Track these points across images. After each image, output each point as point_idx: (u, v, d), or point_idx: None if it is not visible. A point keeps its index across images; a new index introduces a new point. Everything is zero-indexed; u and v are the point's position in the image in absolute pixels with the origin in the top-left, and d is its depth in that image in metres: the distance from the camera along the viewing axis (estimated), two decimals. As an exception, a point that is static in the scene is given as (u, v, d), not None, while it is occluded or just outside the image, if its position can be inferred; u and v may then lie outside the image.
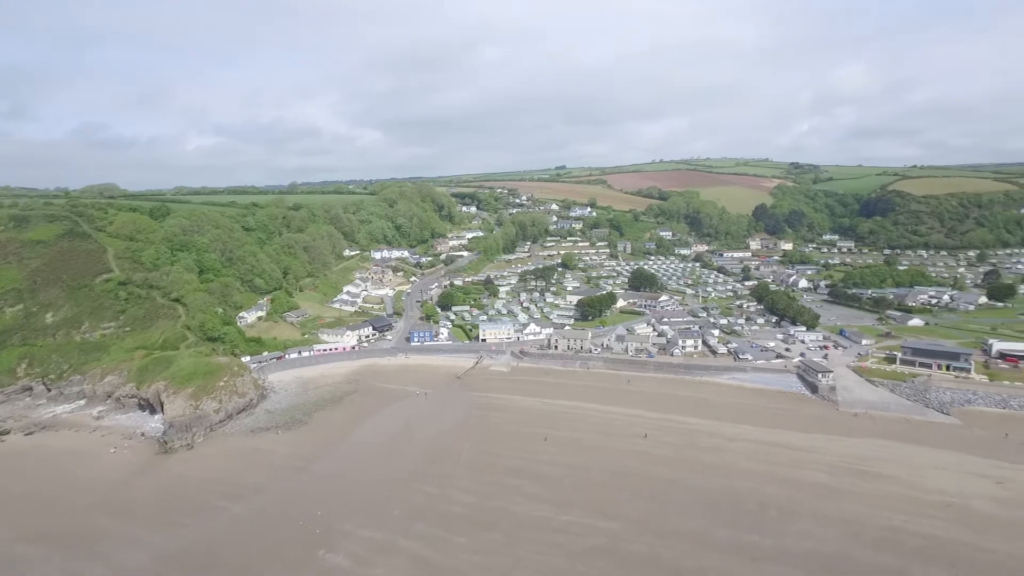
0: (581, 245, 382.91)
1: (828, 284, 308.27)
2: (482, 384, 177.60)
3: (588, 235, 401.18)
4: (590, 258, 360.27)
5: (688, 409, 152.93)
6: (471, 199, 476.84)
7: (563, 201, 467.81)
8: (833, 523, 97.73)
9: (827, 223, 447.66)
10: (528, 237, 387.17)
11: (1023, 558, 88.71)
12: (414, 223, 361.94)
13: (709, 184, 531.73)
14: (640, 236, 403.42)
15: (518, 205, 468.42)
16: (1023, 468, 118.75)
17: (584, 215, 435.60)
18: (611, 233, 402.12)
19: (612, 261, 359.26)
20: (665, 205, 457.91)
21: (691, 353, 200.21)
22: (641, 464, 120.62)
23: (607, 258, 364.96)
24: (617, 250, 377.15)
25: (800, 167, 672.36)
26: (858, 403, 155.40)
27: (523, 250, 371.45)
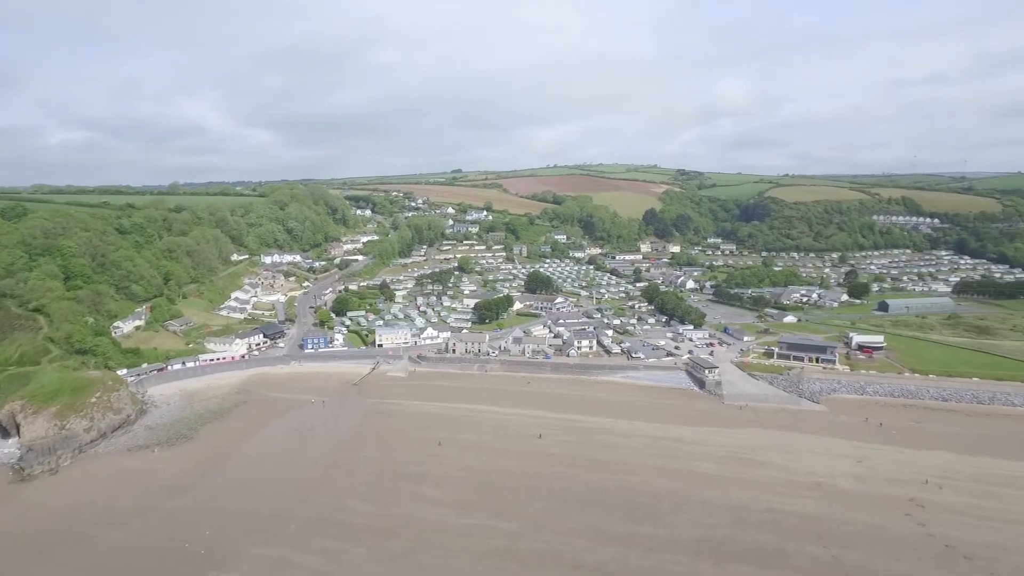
0: (478, 248, 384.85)
1: (713, 285, 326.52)
2: (380, 390, 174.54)
3: (484, 239, 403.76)
4: (487, 261, 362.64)
5: (584, 408, 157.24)
6: (366, 202, 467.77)
7: (459, 205, 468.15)
8: (720, 510, 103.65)
9: (711, 227, 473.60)
10: (424, 241, 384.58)
11: (878, 526, 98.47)
12: (306, 226, 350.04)
13: (602, 189, 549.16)
14: (536, 240, 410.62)
15: (414, 208, 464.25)
16: (878, 447, 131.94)
17: (480, 219, 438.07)
18: (507, 237, 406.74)
19: (508, 264, 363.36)
20: (560, 209, 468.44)
21: (586, 353, 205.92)
22: (539, 464, 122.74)
23: (504, 261, 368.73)
24: (513, 253, 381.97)
25: (686, 174, 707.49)
26: (741, 396, 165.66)
27: (419, 254, 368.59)
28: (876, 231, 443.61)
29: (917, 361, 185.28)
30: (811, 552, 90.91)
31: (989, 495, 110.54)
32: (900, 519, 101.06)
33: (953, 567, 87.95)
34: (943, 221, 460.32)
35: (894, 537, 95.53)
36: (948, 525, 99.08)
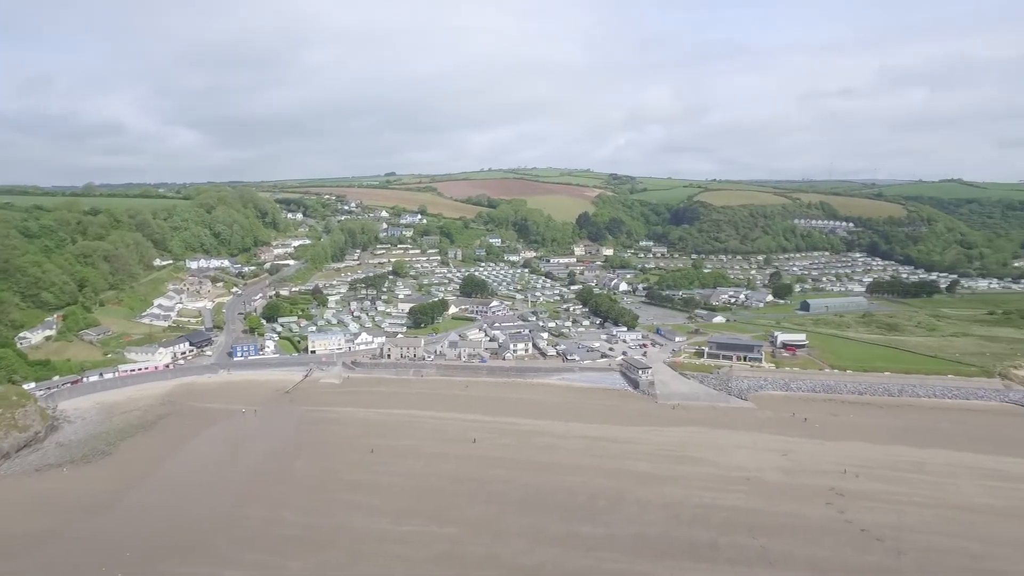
0: (412, 252, 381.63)
1: (645, 287, 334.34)
2: (313, 398, 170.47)
3: (419, 242, 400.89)
4: (421, 265, 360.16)
5: (521, 411, 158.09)
6: (297, 205, 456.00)
7: (393, 208, 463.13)
8: (655, 507, 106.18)
9: (643, 230, 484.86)
10: (358, 245, 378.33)
11: (802, 515, 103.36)
12: (235, 230, 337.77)
13: (536, 193, 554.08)
14: (470, 243, 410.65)
15: (347, 212, 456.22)
16: (801, 441, 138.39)
17: (415, 222, 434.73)
18: (442, 240, 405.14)
19: (443, 268, 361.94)
20: (494, 213, 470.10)
21: (522, 356, 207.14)
22: (477, 468, 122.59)
23: (438, 265, 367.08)
24: (448, 257, 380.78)
25: (618, 178, 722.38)
26: (674, 395, 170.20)
27: (353, 258, 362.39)
28: (798, 234, 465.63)
29: (836, 358, 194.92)
30: (741, 544, 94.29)
31: (899, 480, 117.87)
32: (822, 508, 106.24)
33: (867, 550, 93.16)
34: (857, 225, 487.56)
35: (816, 525, 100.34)
36: (863, 511, 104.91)
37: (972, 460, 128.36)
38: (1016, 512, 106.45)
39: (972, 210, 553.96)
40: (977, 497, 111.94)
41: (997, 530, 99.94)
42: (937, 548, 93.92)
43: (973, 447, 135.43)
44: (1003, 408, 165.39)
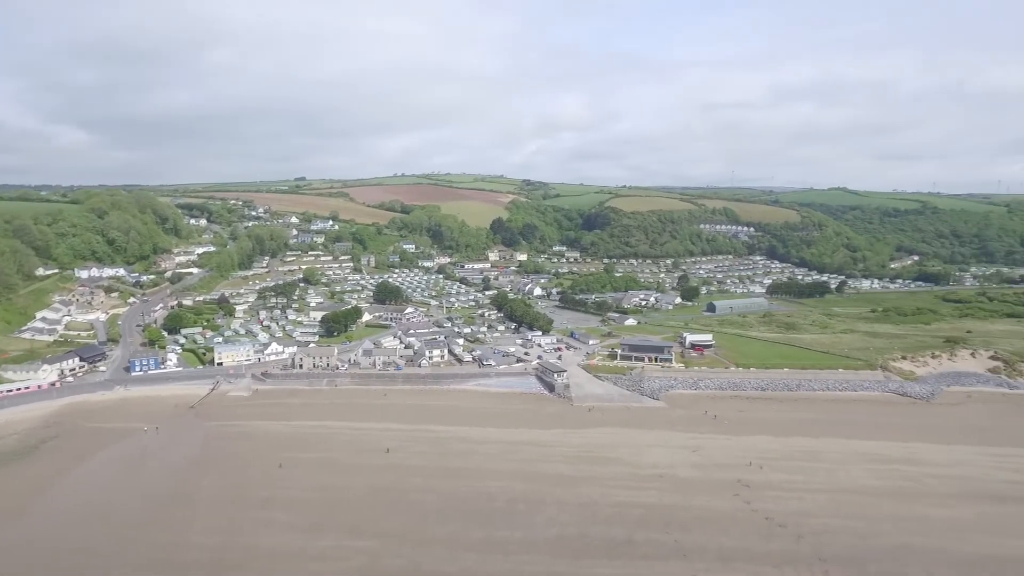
0: (324, 259, 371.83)
1: (559, 291, 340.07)
2: (220, 412, 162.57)
3: (331, 249, 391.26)
4: (333, 272, 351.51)
5: (438, 418, 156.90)
6: (201, 211, 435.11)
7: (303, 214, 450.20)
8: (573, 508, 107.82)
9: (556, 235, 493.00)
10: (266, 252, 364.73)
11: (712, 508, 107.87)
12: (131, 237, 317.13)
13: (449, 198, 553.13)
14: (384, 249, 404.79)
15: (255, 218, 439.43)
16: (711, 436, 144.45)
17: (326, 228, 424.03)
18: (354, 247, 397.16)
19: (356, 275, 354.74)
20: (408, 218, 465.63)
21: (438, 363, 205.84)
22: (395, 477, 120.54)
23: (351, 272, 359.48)
24: (361, 264, 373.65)
25: (531, 184, 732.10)
26: (589, 397, 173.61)
27: (261, 266, 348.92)
28: (703, 239, 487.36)
29: (740, 356, 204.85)
30: (656, 539, 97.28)
31: (798, 470, 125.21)
32: (730, 499, 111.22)
33: (771, 536, 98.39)
34: (757, 229, 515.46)
35: (725, 516, 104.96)
36: (767, 500, 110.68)
37: (859, 447, 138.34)
38: (894, 491, 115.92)
39: (856, 216, 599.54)
40: (863, 480, 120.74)
41: (879, 509, 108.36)
42: (830, 530, 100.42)
43: (860, 434, 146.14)
44: (884, 397, 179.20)
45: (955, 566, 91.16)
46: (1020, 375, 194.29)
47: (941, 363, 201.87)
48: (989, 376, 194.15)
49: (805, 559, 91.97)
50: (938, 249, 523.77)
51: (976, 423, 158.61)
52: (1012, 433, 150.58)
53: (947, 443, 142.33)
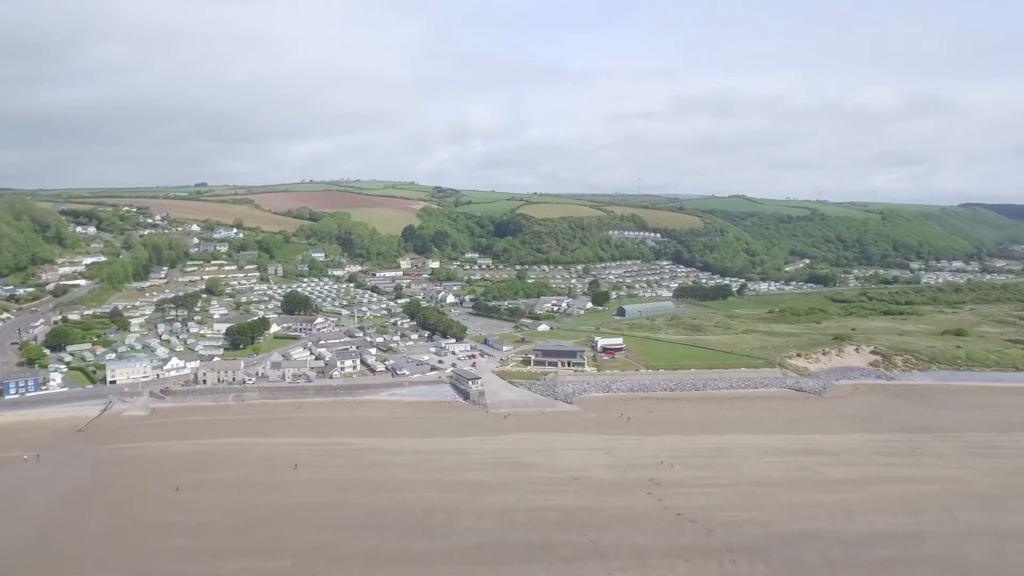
0: (228, 269, 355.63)
1: (472, 298, 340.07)
2: (114, 434, 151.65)
3: (235, 258, 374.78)
4: (239, 283, 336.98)
5: (352, 430, 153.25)
6: (89, 218, 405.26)
7: (205, 222, 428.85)
8: (491, 514, 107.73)
9: (468, 243, 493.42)
10: (165, 262, 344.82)
11: (627, 507, 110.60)
12: (4, 246, 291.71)
13: (360, 205, 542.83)
14: (292, 258, 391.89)
15: (151, 226, 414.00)
16: (624, 438, 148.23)
17: (230, 237, 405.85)
18: (261, 256, 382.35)
19: (263, 285, 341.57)
20: (317, 226, 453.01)
21: (351, 373, 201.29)
22: (309, 493, 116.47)
23: (257, 282, 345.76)
24: (268, 273, 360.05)
25: (443, 191, 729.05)
26: (504, 404, 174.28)
27: (159, 276, 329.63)
28: (612, 244, 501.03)
29: (650, 358, 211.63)
30: (573, 541, 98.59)
31: (706, 466, 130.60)
32: (643, 498, 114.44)
33: (683, 531, 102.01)
34: (663, 235, 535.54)
35: (639, 514, 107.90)
36: (678, 497, 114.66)
37: (761, 441, 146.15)
38: (792, 481, 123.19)
39: (753, 222, 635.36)
40: (765, 472, 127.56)
41: (779, 498, 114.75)
42: (736, 521, 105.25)
43: (762, 429, 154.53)
44: (782, 393, 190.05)
45: (846, 546, 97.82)
46: (895, 367, 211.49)
47: (831, 359, 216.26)
48: (871, 370, 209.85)
49: (714, 551, 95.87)
50: (826, 253, 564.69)
51: (861, 413, 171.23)
52: (889, 420, 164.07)
53: (837, 433, 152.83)
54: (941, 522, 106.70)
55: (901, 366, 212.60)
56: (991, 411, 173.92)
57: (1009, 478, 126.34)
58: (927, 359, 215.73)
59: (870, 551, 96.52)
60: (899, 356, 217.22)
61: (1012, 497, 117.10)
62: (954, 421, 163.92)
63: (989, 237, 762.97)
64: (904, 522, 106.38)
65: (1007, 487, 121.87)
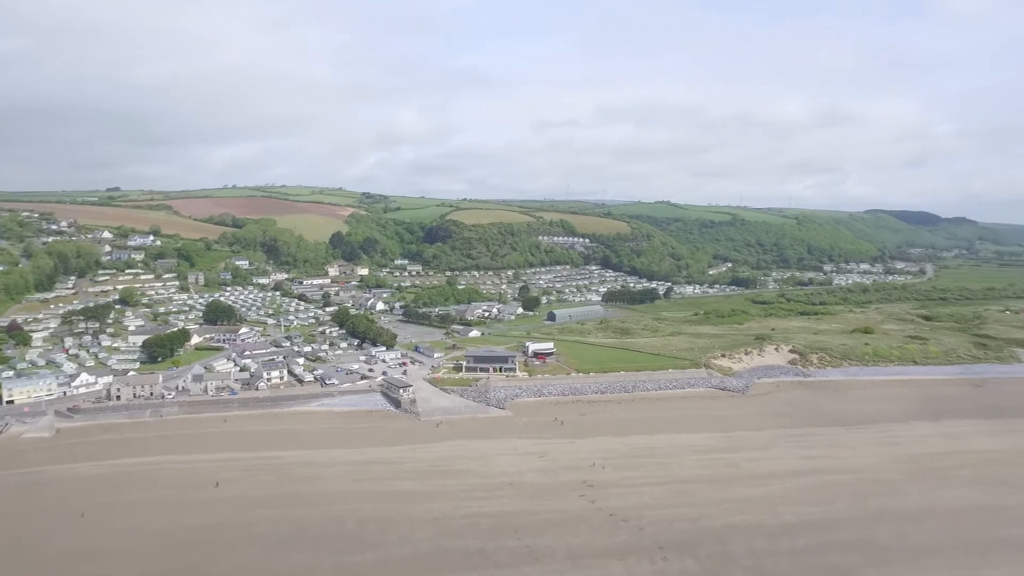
0: (144, 278, 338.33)
1: (402, 305, 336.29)
2: (11, 459, 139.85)
3: (152, 267, 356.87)
4: (156, 292, 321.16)
5: (279, 443, 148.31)
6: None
7: (119, 228, 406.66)
8: (425, 523, 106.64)
9: (398, 249, 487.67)
10: (72, 271, 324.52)
11: (560, 510, 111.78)
12: None
13: (286, 212, 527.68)
14: (214, 266, 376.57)
15: (56, 232, 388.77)
16: (556, 441, 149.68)
17: (146, 244, 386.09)
18: (180, 264, 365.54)
19: (183, 294, 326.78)
20: (240, 233, 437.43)
21: (278, 384, 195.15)
22: (235, 511, 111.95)
23: (177, 291, 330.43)
24: (188, 282, 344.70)
25: (372, 197, 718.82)
26: (436, 411, 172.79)
27: (66, 286, 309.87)
28: (542, 250, 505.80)
29: (580, 362, 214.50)
30: (508, 546, 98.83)
31: (636, 466, 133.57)
32: (576, 500, 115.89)
33: (615, 531, 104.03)
34: (592, 241, 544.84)
35: (573, 516, 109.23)
36: (611, 497, 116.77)
37: (689, 439, 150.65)
38: (717, 477, 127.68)
39: (679, 227, 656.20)
40: (693, 470, 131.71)
41: (707, 494, 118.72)
42: (667, 519, 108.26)
43: (689, 428, 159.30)
44: (708, 393, 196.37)
45: (769, 536, 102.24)
46: (811, 365, 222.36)
47: (753, 359, 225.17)
48: (789, 368, 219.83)
49: (646, 549, 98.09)
50: (747, 257, 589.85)
51: (781, 410, 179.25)
52: (806, 416, 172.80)
53: (759, 429, 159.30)
54: (853, 509, 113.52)
55: (817, 363, 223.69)
56: (893, 403, 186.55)
57: (909, 464, 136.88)
58: (839, 356, 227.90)
59: (791, 540, 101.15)
60: (815, 354, 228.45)
61: (912, 482, 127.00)
62: (863, 413, 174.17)
63: (890, 241, 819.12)
64: (821, 511, 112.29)
65: (908, 472, 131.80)
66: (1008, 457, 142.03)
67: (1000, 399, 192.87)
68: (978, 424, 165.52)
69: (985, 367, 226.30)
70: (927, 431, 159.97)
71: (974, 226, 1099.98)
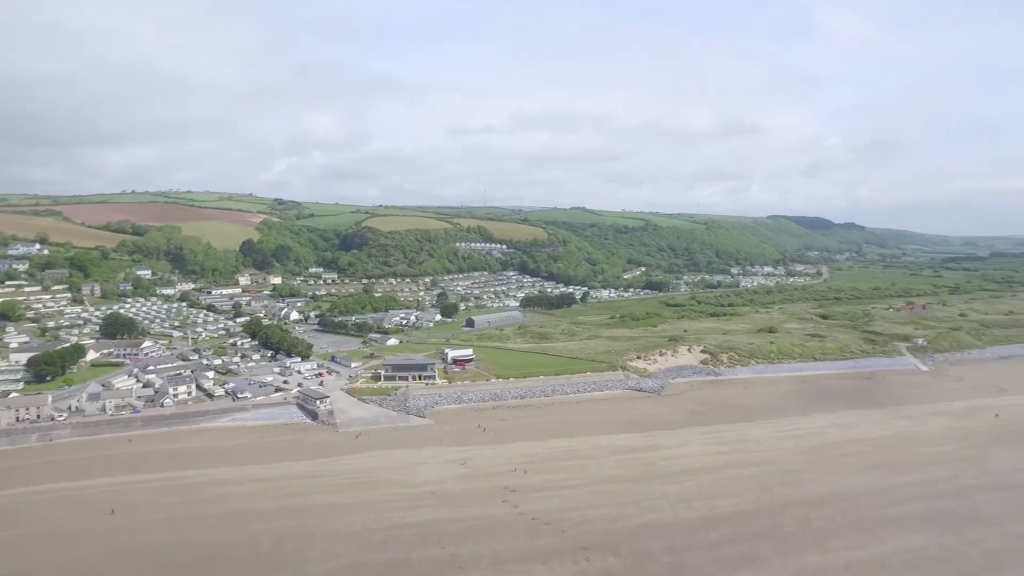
0: (30, 290, 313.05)
1: (318, 314, 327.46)
2: None
3: (40, 278, 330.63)
4: (44, 305, 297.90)
5: (188, 462, 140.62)
6: None
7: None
8: (346, 537, 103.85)
9: (312, 257, 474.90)
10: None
11: (483, 516, 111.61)
12: None
13: (192, 218, 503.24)
14: (112, 276, 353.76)
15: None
16: (478, 448, 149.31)
17: (31, 253, 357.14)
18: (73, 274, 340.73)
19: (77, 307, 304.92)
20: (141, 241, 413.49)
21: (185, 400, 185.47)
22: (138, 537, 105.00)
23: (69, 304, 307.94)
24: (82, 294, 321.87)
25: (284, 203, 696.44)
26: (355, 422, 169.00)
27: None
28: (459, 256, 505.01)
29: (500, 368, 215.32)
30: (432, 556, 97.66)
31: (558, 469, 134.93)
32: (499, 506, 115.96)
33: (538, 535, 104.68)
34: (509, 247, 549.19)
35: (496, 522, 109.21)
36: (533, 501, 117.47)
37: (607, 441, 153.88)
38: (637, 476, 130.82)
39: (594, 233, 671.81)
40: (613, 470, 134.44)
41: (627, 494, 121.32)
42: (588, 520, 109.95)
43: (608, 430, 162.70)
44: (625, 394, 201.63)
45: (686, 531, 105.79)
46: (721, 364, 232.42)
47: (667, 360, 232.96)
48: (701, 367, 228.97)
49: (569, 550, 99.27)
50: (659, 261, 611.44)
51: (694, 408, 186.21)
52: (717, 413, 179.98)
53: (675, 428, 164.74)
54: (761, 500, 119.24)
55: (726, 362, 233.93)
56: (796, 398, 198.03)
57: (810, 454, 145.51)
58: (747, 355, 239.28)
59: (706, 534, 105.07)
60: (724, 354, 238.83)
61: (813, 470, 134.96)
62: (769, 409, 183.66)
63: (791, 245, 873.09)
64: (733, 503, 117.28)
65: (809, 462, 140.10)
66: (893, 443, 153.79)
67: (886, 389, 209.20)
68: (868, 414, 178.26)
69: (874, 360, 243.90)
70: (825, 422, 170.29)
71: (862, 231, 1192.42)
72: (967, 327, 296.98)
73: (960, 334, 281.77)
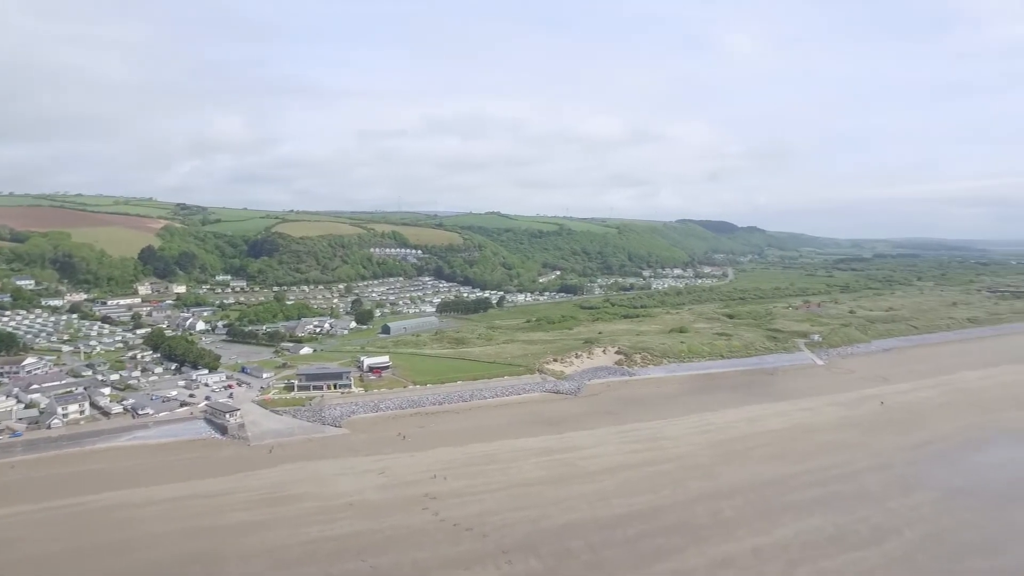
0: None
1: (226, 324, 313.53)
2: None
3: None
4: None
5: (81, 487, 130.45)
6: None
7: None
8: (260, 556, 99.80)
9: (219, 264, 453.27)
10: None
11: (404, 526, 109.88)
12: None
13: (83, 224, 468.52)
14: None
15: None
16: (396, 456, 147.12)
17: None
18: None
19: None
20: (23, 248, 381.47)
21: (77, 420, 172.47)
22: (26, 573, 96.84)
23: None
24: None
25: (187, 208, 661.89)
26: (267, 435, 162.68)
27: None
28: (374, 262, 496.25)
29: (417, 374, 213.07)
30: (352, 569, 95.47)
31: (477, 474, 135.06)
32: (419, 514, 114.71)
33: (459, 541, 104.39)
34: (424, 252, 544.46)
35: (417, 531, 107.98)
36: (453, 508, 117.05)
37: (526, 443, 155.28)
38: (556, 478, 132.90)
39: (509, 237, 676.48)
40: (532, 473, 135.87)
41: (546, 495, 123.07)
42: (509, 523, 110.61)
43: (526, 433, 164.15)
44: (543, 397, 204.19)
45: (604, 529, 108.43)
46: (635, 364, 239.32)
47: (583, 361, 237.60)
48: (616, 368, 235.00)
49: (491, 554, 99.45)
50: (574, 264, 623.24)
51: (610, 408, 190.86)
52: (633, 412, 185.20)
53: (592, 428, 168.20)
54: (675, 494, 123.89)
55: (640, 362, 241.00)
56: (706, 394, 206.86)
57: (719, 448, 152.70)
58: (659, 354, 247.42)
59: (624, 530, 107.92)
60: (638, 354, 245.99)
61: (722, 464, 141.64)
62: (681, 406, 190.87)
63: (698, 247, 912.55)
64: (648, 499, 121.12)
65: (719, 456, 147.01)
66: (793, 433, 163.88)
67: (787, 383, 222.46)
68: (771, 407, 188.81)
69: (776, 357, 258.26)
70: (733, 417, 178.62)
71: (764, 234, 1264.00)
72: (856, 323, 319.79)
73: (850, 330, 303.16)
